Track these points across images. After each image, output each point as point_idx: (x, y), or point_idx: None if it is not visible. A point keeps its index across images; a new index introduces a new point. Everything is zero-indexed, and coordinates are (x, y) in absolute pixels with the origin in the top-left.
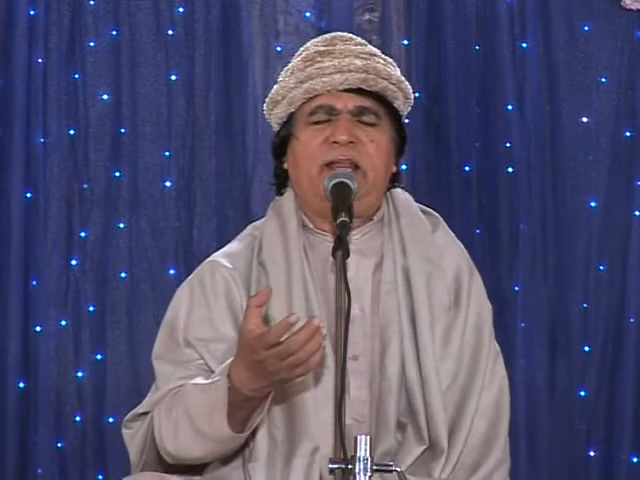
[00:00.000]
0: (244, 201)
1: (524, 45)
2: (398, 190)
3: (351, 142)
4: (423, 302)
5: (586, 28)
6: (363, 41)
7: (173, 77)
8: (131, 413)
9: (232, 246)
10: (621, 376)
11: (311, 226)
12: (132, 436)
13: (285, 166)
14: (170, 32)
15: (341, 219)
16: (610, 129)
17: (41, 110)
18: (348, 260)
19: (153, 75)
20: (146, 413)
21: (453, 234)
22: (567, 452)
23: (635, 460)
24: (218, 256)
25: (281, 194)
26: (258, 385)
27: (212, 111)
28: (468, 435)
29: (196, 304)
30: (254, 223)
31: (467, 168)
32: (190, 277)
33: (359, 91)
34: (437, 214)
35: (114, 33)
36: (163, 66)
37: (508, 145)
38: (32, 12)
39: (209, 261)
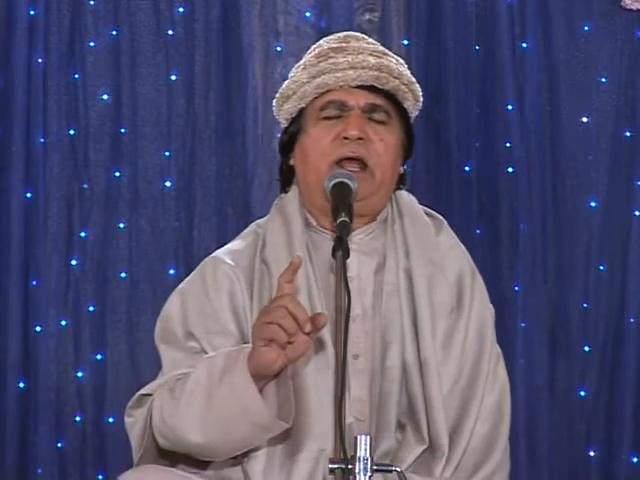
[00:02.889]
0: (244, 201)
1: (524, 45)
2: (403, 192)
3: (360, 139)
4: (425, 304)
5: (586, 28)
6: (374, 41)
7: (173, 77)
8: (133, 399)
9: (235, 244)
10: (621, 376)
11: (314, 224)
12: (133, 424)
13: (291, 162)
14: (170, 32)
15: (341, 219)
16: (610, 129)
17: (41, 110)
18: (350, 259)
19: (153, 75)
20: (149, 398)
21: (457, 237)
22: (567, 452)
23: (635, 460)
24: (220, 253)
25: (285, 192)
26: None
27: (212, 111)
28: (470, 438)
29: (198, 298)
30: (257, 221)
31: (467, 168)
32: (192, 273)
33: (371, 89)
34: (441, 217)
35: (114, 33)
36: (163, 66)
37: (508, 145)
38: (32, 12)
39: (212, 257)
